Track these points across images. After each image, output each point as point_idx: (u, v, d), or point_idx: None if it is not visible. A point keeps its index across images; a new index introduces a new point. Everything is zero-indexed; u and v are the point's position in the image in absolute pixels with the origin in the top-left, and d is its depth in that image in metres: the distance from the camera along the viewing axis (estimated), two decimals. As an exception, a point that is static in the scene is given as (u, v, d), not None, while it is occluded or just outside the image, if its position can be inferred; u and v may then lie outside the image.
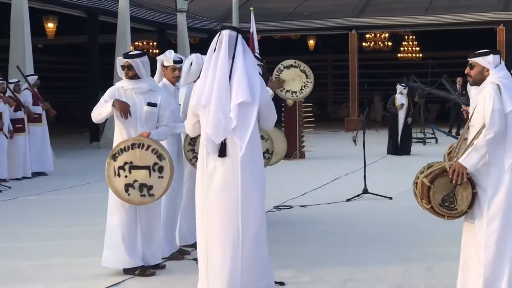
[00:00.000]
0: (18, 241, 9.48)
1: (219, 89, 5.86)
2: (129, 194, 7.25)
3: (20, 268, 7.97)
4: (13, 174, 15.77)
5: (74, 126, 32.06)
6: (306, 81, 16.60)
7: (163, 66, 8.24)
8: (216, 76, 5.90)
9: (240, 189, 5.87)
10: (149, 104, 7.55)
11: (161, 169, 7.16)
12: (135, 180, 7.25)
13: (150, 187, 7.20)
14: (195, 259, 6.61)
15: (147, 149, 7.26)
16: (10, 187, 14.33)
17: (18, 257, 8.51)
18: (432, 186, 5.80)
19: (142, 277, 7.31)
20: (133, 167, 7.24)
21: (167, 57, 8.20)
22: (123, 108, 7.28)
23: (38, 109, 16.40)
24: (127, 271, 7.38)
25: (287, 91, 17.23)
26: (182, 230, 8.47)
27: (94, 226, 9.31)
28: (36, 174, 16.44)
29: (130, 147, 7.24)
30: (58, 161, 18.76)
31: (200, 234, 6.07)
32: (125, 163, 7.26)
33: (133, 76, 7.46)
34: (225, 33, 6.01)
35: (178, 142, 8.08)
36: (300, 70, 16.20)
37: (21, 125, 15.88)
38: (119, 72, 7.62)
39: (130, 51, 8.83)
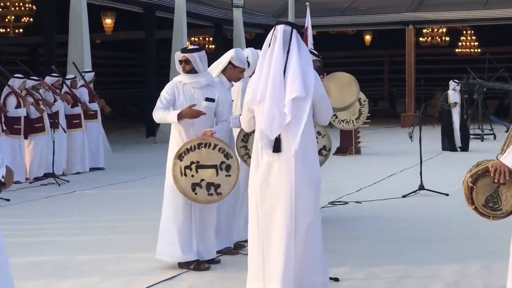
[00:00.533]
0: (75, 234, 9.58)
1: (273, 84, 5.84)
2: (196, 193, 7.29)
3: (77, 261, 8.05)
4: (72, 168, 16.05)
5: (130, 121, 32.34)
6: (360, 108, 16.31)
7: (230, 63, 8.17)
8: (271, 71, 5.88)
9: (294, 185, 5.84)
10: (207, 99, 7.56)
11: (228, 168, 7.20)
12: (202, 179, 7.29)
13: (217, 186, 7.24)
14: (249, 254, 6.60)
15: (213, 148, 7.30)
16: (68, 181, 14.54)
17: (74, 250, 8.61)
18: (474, 187, 5.71)
19: (197, 271, 7.34)
20: (200, 166, 7.27)
21: (241, 60, 8.12)
22: (194, 115, 7.34)
23: (94, 106, 16.63)
24: (182, 265, 7.42)
25: (342, 120, 17.24)
26: (238, 225, 8.47)
27: (149, 221, 9.36)
28: (92, 169, 16.67)
29: (197, 146, 7.27)
30: (114, 156, 18.97)
31: (253, 229, 6.07)
32: (192, 162, 7.29)
33: (190, 70, 7.47)
34: (280, 28, 5.98)
35: (230, 138, 8.08)
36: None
37: (78, 121, 16.09)
38: (177, 67, 7.65)
39: (188, 46, 8.85)
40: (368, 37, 38.64)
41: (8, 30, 28.09)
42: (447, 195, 11.89)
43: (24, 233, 8.37)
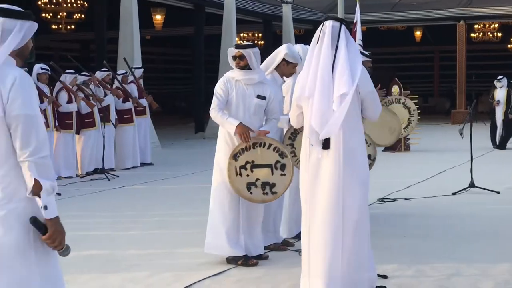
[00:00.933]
0: (125, 229, 9.66)
1: (322, 81, 5.83)
2: (251, 193, 7.32)
3: (126, 256, 8.11)
4: (122, 164, 16.21)
5: (179, 117, 32.51)
6: (410, 118, 15.88)
7: (284, 60, 8.13)
8: (319, 67, 5.86)
9: (342, 181, 5.84)
10: (259, 96, 7.57)
11: (283, 167, 7.23)
12: (257, 179, 7.32)
13: (272, 185, 7.27)
14: (298, 251, 6.62)
15: (268, 148, 7.35)
16: (117, 176, 14.69)
17: (124, 245, 8.68)
18: None
19: (245, 267, 7.36)
20: (255, 166, 7.31)
21: (294, 55, 8.10)
22: (244, 135, 7.30)
23: (143, 102, 16.76)
24: (230, 261, 7.44)
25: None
26: (286, 221, 8.48)
27: (198, 216, 9.39)
28: (141, 165, 16.77)
29: (252, 146, 7.30)
30: (163, 151, 19.10)
31: (303, 225, 6.09)
32: (247, 162, 7.32)
33: (244, 66, 7.49)
34: (328, 24, 5.96)
35: (280, 136, 8.05)
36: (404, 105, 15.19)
37: (129, 116, 16.21)
38: (230, 62, 7.66)
39: (242, 42, 8.88)
40: (418, 33, 38.40)
41: (60, 26, 28.50)
42: (498, 193, 11.75)
43: (75, 227, 8.43)
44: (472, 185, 12.08)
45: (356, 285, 5.94)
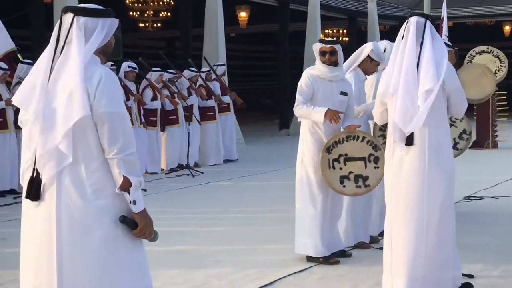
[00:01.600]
0: (209, 225, 9.72)
1: (406, 77, 5.79)
2: (344, 186, 7.34)
3: (210, 252, 8.18)
4: (206, 160, 16.32)
5: (264, 113, 32.61)
6: (500, 66, 15.81)
7: (368, 56, 8.11)
8: (404, 63, 5.82)
9: (427, 178, 5.79)
10: (342, 93, 7.57)
11: (376, 160, 7.24)
12: (351, 172, 7.33)
13: (366, 178, 7.29)
14: (382, 248, 6.58)
15: (362, 141, 7.36)
16: (202, 172, 14.82)
17: (208, 241, 8.75)
18: None
19: (327, 265, 7.36)
20: (348, 159, 7.32)
21: (379, 54, 8.10)
22: (335, 117, 7.30)
23: (226, 99, 16.85)
24: (311, 259, 7.44)
25: None
26: (371, 217, 8.41)
27: (282, 213, 9.43)
28: (225, 161, 16.90)
29: (345, 139, 7.31)
30: (248, 148, 19.19)
31: (387, 222, 6.06)
32: (340, 155, 7.32)
33: (334, 62, 7.48)
34: (413, 20, 5.91)
35: (367, 129, 8.02)
36: (493, 55, 15.37)
37: (212, 113, 16.33)
38: (318, 58, 7.58)
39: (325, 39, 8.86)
40: (507, 28, 37.46)
41: (147, 24, 28.97)
42: None
43: (160, 222, 8.48)
44: (562, 183, 11.84)
45: (439, 283, 5.88)
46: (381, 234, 7.62)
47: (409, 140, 5.83)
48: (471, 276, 6.58)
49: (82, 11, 3.80)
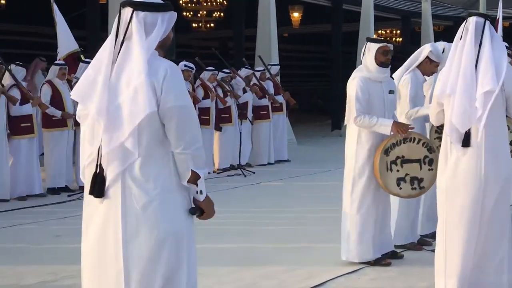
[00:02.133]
0: (260, 224, 9.75)
1: (464, 78, 5.75)
2: (400, 188, 7.32)
3: (261, 251, 8.20)
4: (258, 160, 16.34)
5: (316, 114, 32.54)
6: None
7: (427, 57, 8.02)
8: (462, 64, 5.78)
9: (484, 180, 5.74)
10: (390, 92, 7.53)
11: (431, 162, 7.25)
12: (407, 174, 7.32)
13: (420, 180, 7.28)
14: (433, 250, 6.53)
15: (418, 143, 7.36)
16: (254, 172, 14.86)
17: (259, 240, 8.78)
18: None
19: (378, 266, 7.33)
20: (404, 161, 7.31)
21: (438, 54, 8.00)
22: (402, 129, 7.26)
23: (279, 99, 16.83)
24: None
25: None
26: (421, 218, 8.34)
27: (333, 213, 9.35)
28: (277, 161, 16.85)
29: (402, 141, 7.29)
30: (299, 148, 19.17)
31: (440, 224, 6.02)
32: (397, 157, 7.31)
33: (389, 61, 7.47)
34: (472, 20, 5.87)
35: (422, 130, 7.98)
36: None
37: (266, 112, 16.34)
38: (375, 58, 7.44)
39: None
40: None
41: (200, 24, 29.12)
42: None
43: (212, 221, 8.53)
44: None
45: (493, 287, 5.84)
46: (432, 236, 7.59)
47: (466, 141, 5.80)
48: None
49: (141, 6, 3.81)
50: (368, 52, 7.43)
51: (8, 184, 11.58)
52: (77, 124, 11.23)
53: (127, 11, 3.81)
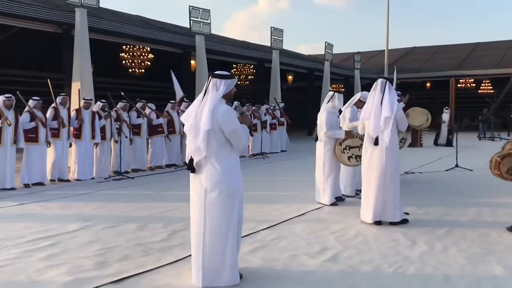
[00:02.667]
0: (273, 181, 9.49)
1: (375, 110, 5.89)
2: (350, 161, 7.16)
3: (273, 195, 7.96)
4: (273, 150, 15.97)
5: (299, 126, 32.18)
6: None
7: (359, 99, 7.62)
8: (374, 103, 5.86)
9: (384, 162, 5.77)
10: (338, 116, 7.48)
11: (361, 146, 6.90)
12: (353, 154, 7.15)
13: (359, 156, 6.93)
14: (360, 197, 6.46)
15: (356, 137, 7.16)
16: (268, 157, 14.61)
17: (273, 189, 8.53)
18: (502, 161, 5.50)
19: (332, 206, 7.18)
20: (351, 147, 7.12)
21: (365, 98, 7.40)
22: (349, 134, 7.18)
23: (282, 119, 16.78)
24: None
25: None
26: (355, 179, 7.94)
27: (308, 178, 9.21)
28: (281, 151, 16.61)
29: (347, 138, 7.15)
30: (291, 144, 18.95)
31: (363, 183, 6.09)
32: (347, 146, 7.13)
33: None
34: (379, 80, 6.04)
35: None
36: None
37: (275, 126, 16.23)
38: (337, 102, 7.22)
39: None
40: (428, 84, 36.38)
41: (240, 83, 28.84)
42: (471, 170, 11.03)
43: (246, 179, 8.55)
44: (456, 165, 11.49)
45: (392, 214, 5.80)
46: (358, 191, 7.50)
47: (376, 143, 5.82)
48: (407, 213, 6.43)
49: (215, 76, 3.85)
50: (333, 98, 7.24)
51: (145, 161, 11.65)
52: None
53: (210, 78, 3.88)
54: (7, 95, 8.88)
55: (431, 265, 4.43)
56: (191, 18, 16.94)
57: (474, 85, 34.51)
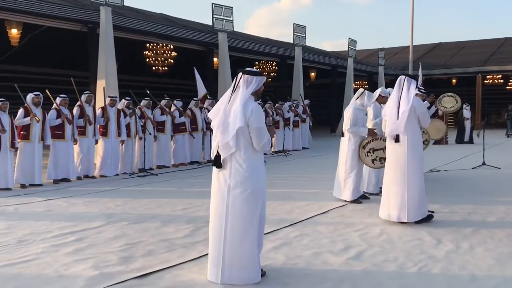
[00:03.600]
0: (294, 179, 9.46)
1: (390, 108, 5.91)
2: (374, 164, 7.09)
3: (294, 193, 7.94)
4: (296, 147, 15.97)
5: (322, 124, 31.99)
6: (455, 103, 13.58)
7: (379, 95, 7.60)
8: (391, 101, 5.76)
9: (406, 158, 5.71)
10: (366, 114, 7.46)
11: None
12: (377, 156, 7.05)
13: (384, 158, 6.92)
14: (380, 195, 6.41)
15: (380, 140, 7.05)
16: (291, 154, 14.61)
17: (293, 187, 8.51)
18: None
19: (355, 203, 7.14)
20: (374, 150, 7.04)
21: (385, 93, 7.57)
22: (372, 133, 7.10)
23: (305, 116, 16.74)
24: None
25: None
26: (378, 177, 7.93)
27: (330, 175, 9.20)
28: (303, 148, 16.49)
29: (371, 140, 7.04)
30: (313, 142, 18.90)
31: (385, 179, 6.06)
32: (370, 149, 7.06)
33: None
34: (401, 77, 5.97)
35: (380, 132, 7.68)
36: (452, 97, 13.26)
37: (298, 123, 16.16)
38: (367, 99, 7.23)
39: None
40: (454, 81, 35.65)
41: (268, 79, 28.88)
42: (499, 168, 10.78)
43: (269, 176, 8.54)
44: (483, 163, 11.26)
45: (421, 213, 5.72)
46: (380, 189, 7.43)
47: (397, 139, 5.80)
48: (432, 212, 6.34)
49: (246, 72, 3.87)
50: (362, 96, 7.21)
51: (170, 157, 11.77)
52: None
53: (239, 74, 3.88)
54: (35, 92, 9.08)
55: (457, 264, 4.35)
56: (214, 16, 16.99)
57: (502, 81, 33.69)
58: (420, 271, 4.17)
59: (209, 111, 12.60)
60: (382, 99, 7.77)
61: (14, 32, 15.28)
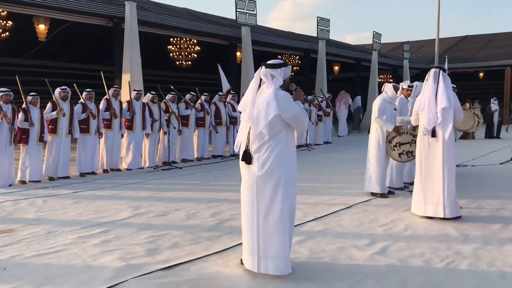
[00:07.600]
0: (318, 173, 9.43)
1: (429, 101, 5.73)
2: (401, 158, 6.99)
3: (318, 187, 7.93)
4: (317, 141, 15.83)
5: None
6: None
7: (402, 88, 7.58)
8: (427, 93, 5.65)
9: (442, 152, 5.64)
10: (395, 109, 7.31)
11: (414, 142, 6.80)
12: (403, 150, 6.96)
13: (411, 152, 6.88)
14: (411, 192, 6.31)
15: (406, 134, 6.97)
16: (313, 148, 14.46)
17: (316, 181, 8.50)
18: None
19: (382, 198, 7.08)
20: (401, 144, 6.96)
21: (408, 85, 7.64)
22: (397, 130, 7.00)
23: (327, 110, 16.60)
24: (374, 194, 7.21)
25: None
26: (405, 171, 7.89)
27: (357, 169, 9.13)
28: (325, 142, 16.42)
29: (398, 134, 6.98)
30: (336, 136, 18.72)
31: (417, 172, 5.96)
32: (397, 143, 6.98)
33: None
34: (432, 70, 5.92)
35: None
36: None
37: (321, 117, 16.04)
38: (392, 91, 7.13)
39: None
40: (481, 74, 34.83)
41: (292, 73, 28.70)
42: (528, 164, 10.53)
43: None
44: (512, 159, 11.00)
45: (456, 207, 5.63)
46: (411, 183, 7.34)
47: (433, 134, 5.72)
48: (460, 207, 6.24)
49: (268, 65, 3.83)
50: (388, 88, 7.15)
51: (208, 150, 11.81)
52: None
53: (263, 68, 3.85)
54: (62, 87, 9.24)
55: (486, 260, 4.27)
56: (237, 10, 16.98)
57: (531, 74, 32.81)
58: (447, 267, 4.10)
59: (232, 105, 12.69)
60: (406, 92, 7.66)
61: (41, 27, 15.58)
